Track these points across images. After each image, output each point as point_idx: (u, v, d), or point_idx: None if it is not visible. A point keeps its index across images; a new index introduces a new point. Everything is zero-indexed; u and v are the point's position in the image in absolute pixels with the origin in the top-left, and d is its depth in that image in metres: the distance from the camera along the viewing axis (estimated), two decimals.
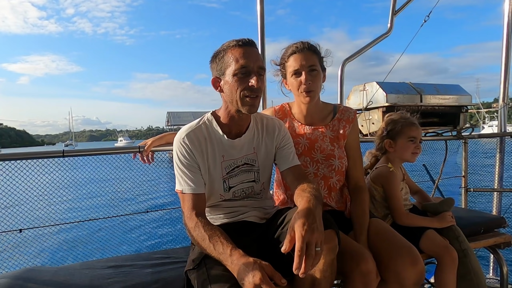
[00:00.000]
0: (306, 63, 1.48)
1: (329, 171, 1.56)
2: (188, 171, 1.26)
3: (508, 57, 2.91)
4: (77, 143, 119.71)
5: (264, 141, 1.40)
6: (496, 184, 2.98)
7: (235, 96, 1.22)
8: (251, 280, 0.95)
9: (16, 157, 1.71)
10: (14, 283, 1.22)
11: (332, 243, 1.11)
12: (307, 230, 0.95)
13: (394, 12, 2.94)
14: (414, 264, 1.31)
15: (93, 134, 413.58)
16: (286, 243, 0.96)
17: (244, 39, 1.23)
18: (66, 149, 1.75)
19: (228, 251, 1.06)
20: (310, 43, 1.53)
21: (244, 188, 1.38)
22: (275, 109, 1.69)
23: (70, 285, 1.27)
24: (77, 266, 1.50)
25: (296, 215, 1.01)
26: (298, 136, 1.59)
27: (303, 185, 1.23)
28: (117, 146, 2.21)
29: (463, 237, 1.64)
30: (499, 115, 3.05)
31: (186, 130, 1.29)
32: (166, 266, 1.45)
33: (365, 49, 2.96)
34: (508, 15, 2.87)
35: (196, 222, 1.18)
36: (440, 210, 1.71)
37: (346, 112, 1.64)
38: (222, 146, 1.32)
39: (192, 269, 1.21)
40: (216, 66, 1.26)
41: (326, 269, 1.12)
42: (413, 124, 1.75)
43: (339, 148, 1.58)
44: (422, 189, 1.95)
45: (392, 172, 1.71)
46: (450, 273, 1.53)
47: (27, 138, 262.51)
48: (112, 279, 1.31)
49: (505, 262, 1.98)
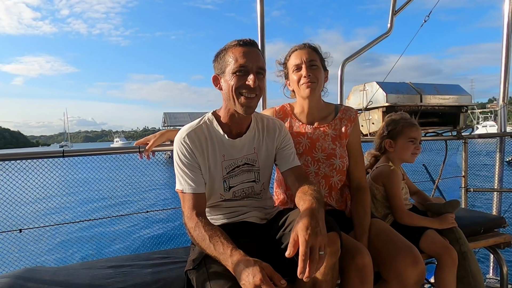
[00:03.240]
0: (306, 58, 1.51)
1: (330, 171, 1.56)
2: (188, 171, 1.26)
3: (508, 57, 2.91)
4: (72, 144, 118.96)
5: (264, 141, 1.40)
6: (496, 184, 2.98)
7: (231, 94, 1.23)
8: (251, 281, 0.94)
9: (16, 157, 1.70)
10: (14, 283, 1.22)
11: (334, 246, 1.11)
12: (310, 234, 0.95)
13: (394, 12, 2.94)
14: (415, 264, 1.32)
15: (89, 135, 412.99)
16: (290, 248, 0.96)
17: (245, 39, 1.24)
18: (66, 149, 1.74)
19: (228, 251, 1.05)
20: (310, 43, 1.57)
21: (244, 188, 1.38)
22: (276, 109, 1.69)
23: (70, 285, 1.27)
24: (77, 266, 1.50)
25: (299, 219, 1.02)
26: (299, 136, 1.59)
27: (304, 187, 1.23)
28: (115, 146, 2.20)
29: (463, 240, 1.63)
30: (499, 115, 3.05)
31: (187, 130, 1.29)
32: (166, 266, 1.45)
33: (365, 49, 2.96)
34: (508, 15, 2.87)
35: (196, 222, 1.18)
36: (443, 211, 1.70)
37: (348, 111, 1.65)
38: (222, 145, 1.32)
39: (192, 269, 1.21)
40: (218, 65, 1.27)
41: (327, 273, 1.12)
42: (414, 125, 1.76)
43: (341, 147, 1.58)
44: (420, 190, 1.95)
45: (393, 170, 1.71)
46: (450, 273, 1.53)
47: (22, 139, 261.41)
48: (112, 279, 1.31)
49: (505, 262, 1.98)
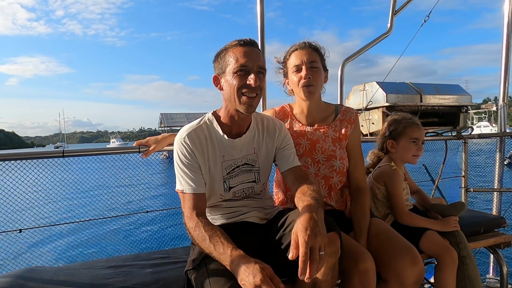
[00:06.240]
0: (306, 59, 1.48)
1: (330, 172, 1.55)
2: (189, 171, 1.25)
3: (508, 57, 2.91)
4: (68, 144, 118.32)
5: (264, 142, 1.40)
6: (496, 184, 2.98)
7: (233, 94, 1.22)
8: (251, 281, 0.94)
9: (16, 157, 1.70)
10: (14, 283, 1.22)
11: (334, 247, 1.11)
12: (309, 235, 0.95)
13: (394, 12, 2.94)
14: (414, 263, 1.31)
15: (84, 135, 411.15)
16: (292, 250, 0.96)
17: (246, 39, 1.24)
18: (66, 149, 1.74)
19: (228, 251, 1.05)
20: (311, 42, 1.53)
21: (244, 188, 1.38)
22: (276, 110, 1.68)
23: (70, 285, 1.27)
24: (77, 266, 1.50)
25: (298, 220, 1.02)
26: (299, 137, 1.58)
27: (303, 188, 1.23)
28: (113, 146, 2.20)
29: (464, 244, 1.61)
30: (498, 115, 3.05)
31: (187, 130, 1.29)
32: (166, 266, 1.45)
33: (365, 49, 2.96)
34: (508, 15, 2.87)
35: (196, 222, 1.17)
36: (447, 213, 1.68)
37: (348, 112, 1.63)
38: (222, 146, 1.32)
39: (192, 269, 1.21)
40: (218, 65, 1.27)
41: (327, 273, 1.12)
42: (416, 125, 1.73)
43: (341, 149, 1.57)
44: (421, 189, 1.94)
45: (395, 170, 1.70)
46: (449, 273, 1.53)
47: (17, 140, 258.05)
48: (112, 279, 1.31)
49: (505, 262, 1.98)
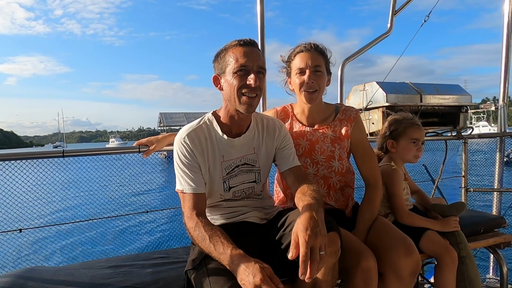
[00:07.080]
0: (311, 62, 1.47)
1: (329, 172, 1.56)
2: (188, 171, 1.25)
3: (508, 57, 2.91)
4: (66, 144, 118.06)
5: (264, 142, 1.40)
6: (496, 184, 2.98)
7: (233, 94, 1.22)
8: (251, 280, 0.94)
9: (16, 157, 1.70)
10: (14, 283, 1.22)
11: (334, 246, 1.11)
12: (310, 235, 0.95)
13: (394, 12, 2.94)
14: (409, 254, 1.31)
15: (83, 135, 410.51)
16: (292, 250, 0.96)
17: (245, 39, 1.24)
18: (66, 149, 1.74)
19: (228, 251, 1.05)
20: (318, 45, 1.51)
21: (244, 188, 1.38)
22: (277, 110, 1.68)
23: (70, 285, 1.27)
24: (77, 266, 1.50)
25: (298, 219, 1.01)
26: (298, 138, 1.58)
27: (303, 187, 1.23)
28: (113, 146, 2.20)
29: (464, 244, 1.60)
30: (498, 115, 3.05)
31: (187, 130, 1.29)
32: (166, 266, 1.45)
33: (365, 49, 2.96)
34: (508, 15, 2.86)
35: (196, 222, 1.17)
36: (448, 213, 1.67)
37: (348, 111, 1.63)
38: (222, 146, 1.32)
39: (192, 269, 1.21)
40: (218, 65, 1.27)
41: (327, 273, 1.12)
42: (417, 126, 1.72)
43: (341, 149, 1.57)
44: (421, 189, 1.94)
45: (395, 170, 1.70)
46: (449, 273, 1.52)
47: (15, 140, 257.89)
48: (112, 279, 1.31)
49: (505, 262, 1.98)
